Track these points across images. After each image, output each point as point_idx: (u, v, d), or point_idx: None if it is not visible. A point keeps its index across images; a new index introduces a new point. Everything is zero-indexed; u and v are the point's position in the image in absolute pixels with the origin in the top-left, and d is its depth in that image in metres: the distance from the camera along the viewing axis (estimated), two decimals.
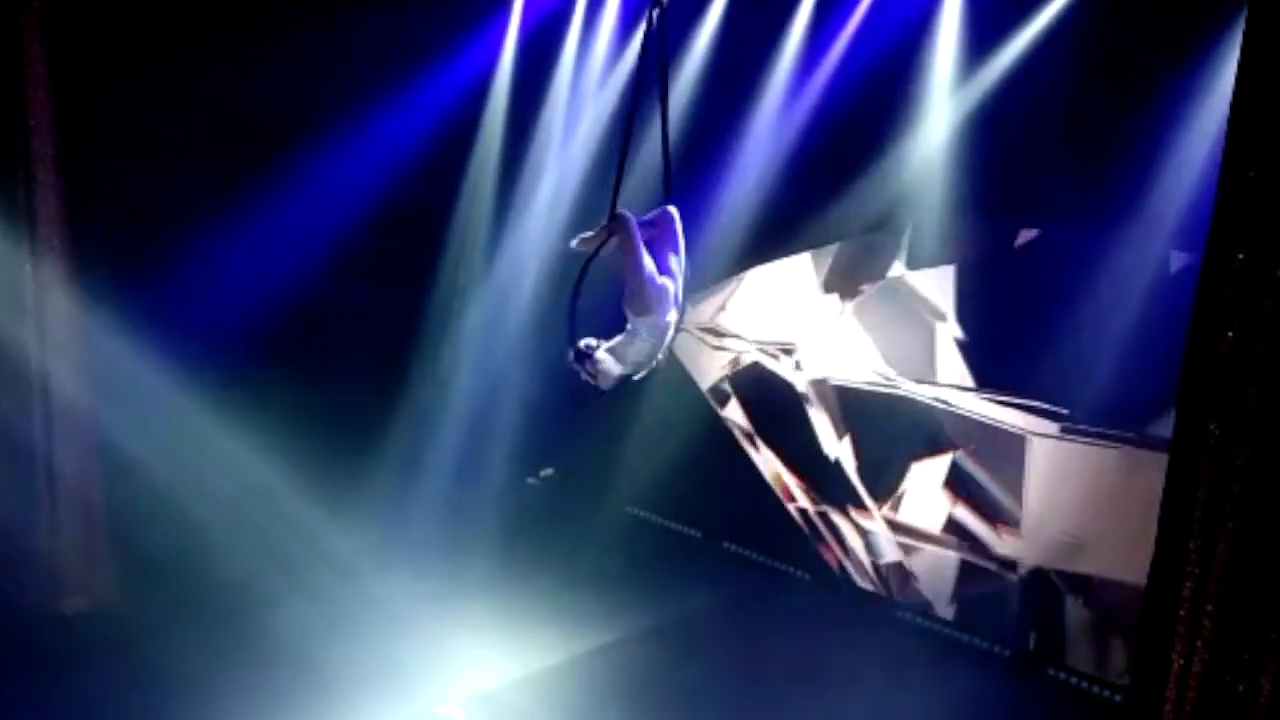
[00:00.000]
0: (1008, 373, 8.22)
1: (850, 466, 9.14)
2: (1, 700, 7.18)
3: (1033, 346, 8.04)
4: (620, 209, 5.94)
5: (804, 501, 9.46)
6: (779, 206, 9.09)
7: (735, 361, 9.77)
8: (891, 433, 8.85)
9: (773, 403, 9.53)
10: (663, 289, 5.93)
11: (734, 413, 9.82)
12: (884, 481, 8.96)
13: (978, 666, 8.40)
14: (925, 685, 7.99)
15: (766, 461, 9.65)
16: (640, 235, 5.95)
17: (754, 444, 9.71)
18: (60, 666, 7.57)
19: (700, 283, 9.76)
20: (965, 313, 8.43)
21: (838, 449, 9.18)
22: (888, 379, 8.83)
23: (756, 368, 9.63)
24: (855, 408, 9.07)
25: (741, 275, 9.61)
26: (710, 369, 9.91)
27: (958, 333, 8.48)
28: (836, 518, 9.29)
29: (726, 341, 9.81)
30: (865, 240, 8.89)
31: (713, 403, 9.89)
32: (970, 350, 8.42)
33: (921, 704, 7.74)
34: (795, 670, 8.18)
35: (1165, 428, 6.63)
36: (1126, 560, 7.57)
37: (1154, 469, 7.33)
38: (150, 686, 7.37)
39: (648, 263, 5.93)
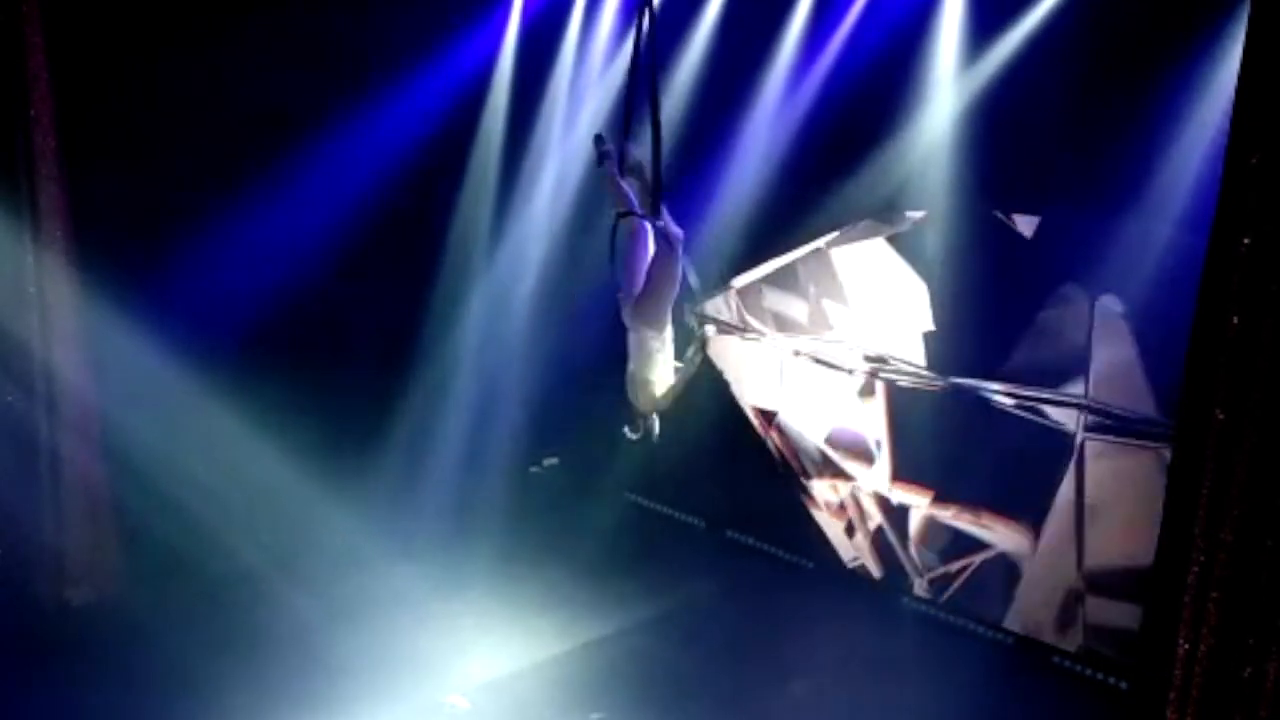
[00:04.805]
0: (1012, 361, 8.22)
1: (864, 453, 9.16)
2: (9, 689, 7.19)
3: (1038, 334, 8.04)
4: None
5: (811, 486, 9.47)
6: (783, 195, 9.07)
7: (751, 346, 9.77)
8: (902, 421, 8.86)
9: (793, 388, 9.54)
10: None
11: (751, 397, 9.81)
12: (898, 469, 8.97)
13: (982, 653, 8.41)
14: (929, 672, 8.03)
15: (781, 444, 9.64)
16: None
17: (770, 426, 9.69)
18: (66, 656, 7.58)
19: (706, 272, 9.76)
20: (969, 300, 8.42)
21: (853, 435, 9.20)
22: (902, 366, 8.83)
23: (774, 353, 9.62)
24: (865, 395, 9.08)
25: (757, 263, 9.58)
26: (723, 355, 9.90)
27: (963, 321, 8.47)
28: (844, 504, 9.30)
29: (745, 330, 9.81)
30: (871, 227, 8.87)
31: (731, 388, 9.87)
32: (975, 339, 8.42)
33: (925, 690, 7.78)
34: (799, 657, 8.20)
35: (1171, 414, 6.63)
36: (1132, 546, 7.58)
37: (1160, 455, 7.36)
38: (156, 676, 7.39)
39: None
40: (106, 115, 8.02)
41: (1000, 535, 8.41)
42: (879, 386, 8.98)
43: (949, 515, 8.68)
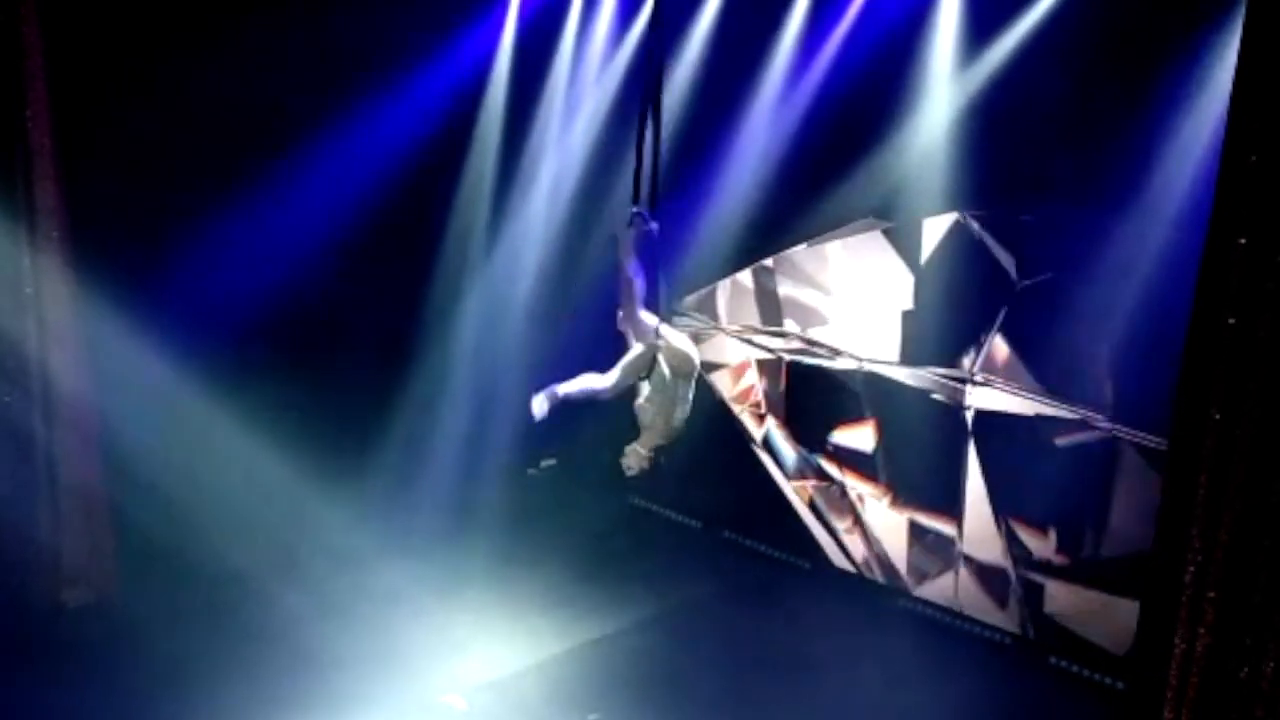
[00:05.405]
0: (1010, 361, 8.21)
1: (857, 455, 9.15)
2: (5, 690, 7.17)
3: (1035, 332, 8.05)
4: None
5: (806, 487, 9.47)
6: (779, 194, 9.08)
7: (750, 348, 9.76)
8: (900, 420, 8.85)
9: (789, 389, 9.53)
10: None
11: (744, 397, 9.79)
12: (891, 469, 8.96)
13: (979, 654, 8.42)
14: (926, 673, 8.02)
15: (775, 444, 9.64)
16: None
17: (762, 424, 9.68)
18: (63, 658, 7.57)
19: (704, 272, 9.76)
20: (965, 301, 8.42)
21: (850, 437, 9.19)
22: (895, 365, 8.83)
23: (771, 354, 9.61)
24: (864, 393, 9.08)
25: (749, 263, 9.58)
26: (719, 357, 9.90)
27: (961, 320, 8.47)
28: (839, 505, 9.30)
29: (739, 330, 9.80)
30: (867, 225, 8.87)
31: (718, 390, 9.87)
32: (973, 340, 8.41)
33: (922, 691, 7.77)
34: (797, 658, 8.20)
35: (1167, 413, 6.62)
36: (1128, 546, 7.59)
37: (1156, 454, 7.37)
38: (153, 677, 7.38)
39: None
40: (104, 115, 8.00)
41: (994, 533, 8.42)
42: (870, 385, 8.98)
43: (936, 515, 8.70)
